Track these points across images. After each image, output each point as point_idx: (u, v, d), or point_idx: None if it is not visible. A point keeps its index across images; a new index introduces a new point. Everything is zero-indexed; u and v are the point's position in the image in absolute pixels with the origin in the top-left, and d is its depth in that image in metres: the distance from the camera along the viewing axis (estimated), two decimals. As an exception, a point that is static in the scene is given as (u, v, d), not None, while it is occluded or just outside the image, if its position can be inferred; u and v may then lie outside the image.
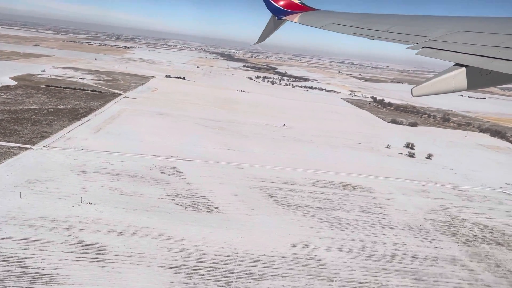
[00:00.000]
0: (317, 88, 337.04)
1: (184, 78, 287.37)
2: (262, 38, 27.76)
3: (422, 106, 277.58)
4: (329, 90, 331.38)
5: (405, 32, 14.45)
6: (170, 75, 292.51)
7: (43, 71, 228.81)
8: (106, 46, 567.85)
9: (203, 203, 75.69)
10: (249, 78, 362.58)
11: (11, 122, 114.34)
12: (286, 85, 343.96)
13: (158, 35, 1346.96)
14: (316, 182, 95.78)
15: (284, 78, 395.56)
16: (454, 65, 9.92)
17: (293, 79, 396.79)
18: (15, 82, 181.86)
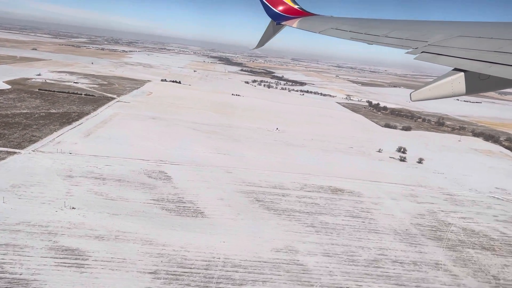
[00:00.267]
0: (313, 92, 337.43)
1: (180, 82, 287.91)
2: (261, 43, 27.59)
3: (417, 110, 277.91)
4: (325, 94, 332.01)
5: (403, 37, 14.41)
6: (166, 79, 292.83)
7: (38, 75, 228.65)
8: (104, 50, 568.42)
9: (189, 208, 75.54)
10: (245, 82, 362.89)
11: (1, 126, 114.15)
12: (282, 89, 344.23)
13: (157, 39, 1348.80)
14: (304, 186, 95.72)
15: (281, 82, 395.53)
16: (452, 70, 9.89)
17: (289, 83, 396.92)
18: (9, 86, 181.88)
